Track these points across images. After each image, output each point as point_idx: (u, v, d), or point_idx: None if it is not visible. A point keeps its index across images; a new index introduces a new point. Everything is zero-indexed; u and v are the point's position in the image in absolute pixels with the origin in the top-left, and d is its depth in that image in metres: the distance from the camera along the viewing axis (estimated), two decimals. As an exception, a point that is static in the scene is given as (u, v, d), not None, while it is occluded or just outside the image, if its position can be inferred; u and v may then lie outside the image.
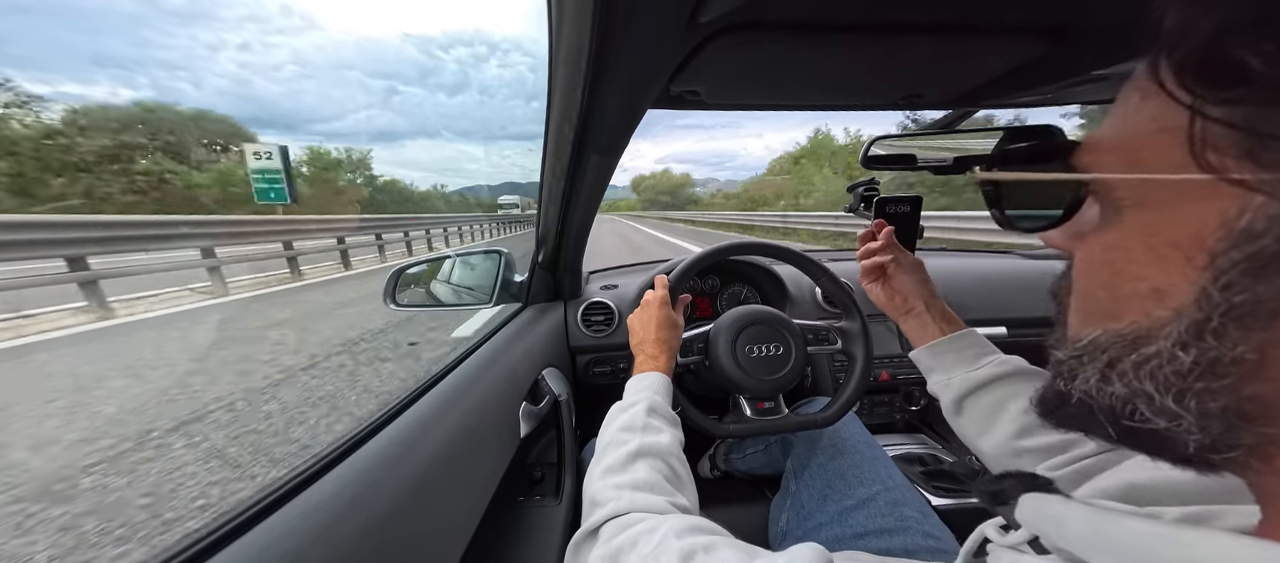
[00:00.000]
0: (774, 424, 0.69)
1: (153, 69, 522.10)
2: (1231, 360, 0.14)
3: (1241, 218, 0.14)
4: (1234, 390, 0.15)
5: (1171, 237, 0.15)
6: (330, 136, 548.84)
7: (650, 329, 0.63)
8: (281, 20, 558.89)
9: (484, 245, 0.98)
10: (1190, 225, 0.15)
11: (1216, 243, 0.14)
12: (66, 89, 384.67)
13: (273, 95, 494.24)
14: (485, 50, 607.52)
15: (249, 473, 1.51)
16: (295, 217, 8.69)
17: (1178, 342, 0.15)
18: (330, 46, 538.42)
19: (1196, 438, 0.15)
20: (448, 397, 0.54)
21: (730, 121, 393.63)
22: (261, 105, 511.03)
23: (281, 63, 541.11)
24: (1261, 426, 0.15)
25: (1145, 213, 0.17)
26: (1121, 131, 0.18)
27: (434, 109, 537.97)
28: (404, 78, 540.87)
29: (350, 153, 67.00)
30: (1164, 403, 0.16)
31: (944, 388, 0.51)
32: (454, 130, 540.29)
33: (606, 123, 0.48)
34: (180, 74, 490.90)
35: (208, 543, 0.28)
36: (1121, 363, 0.17)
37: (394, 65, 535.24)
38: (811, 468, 0.67)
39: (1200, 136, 0.14)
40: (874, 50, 0.39)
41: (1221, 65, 0.14)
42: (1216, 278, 0.14)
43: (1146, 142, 0.16)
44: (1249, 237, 0.13)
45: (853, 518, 0.58)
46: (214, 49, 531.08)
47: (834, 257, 1.29)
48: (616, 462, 0.44)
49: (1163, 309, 0.16)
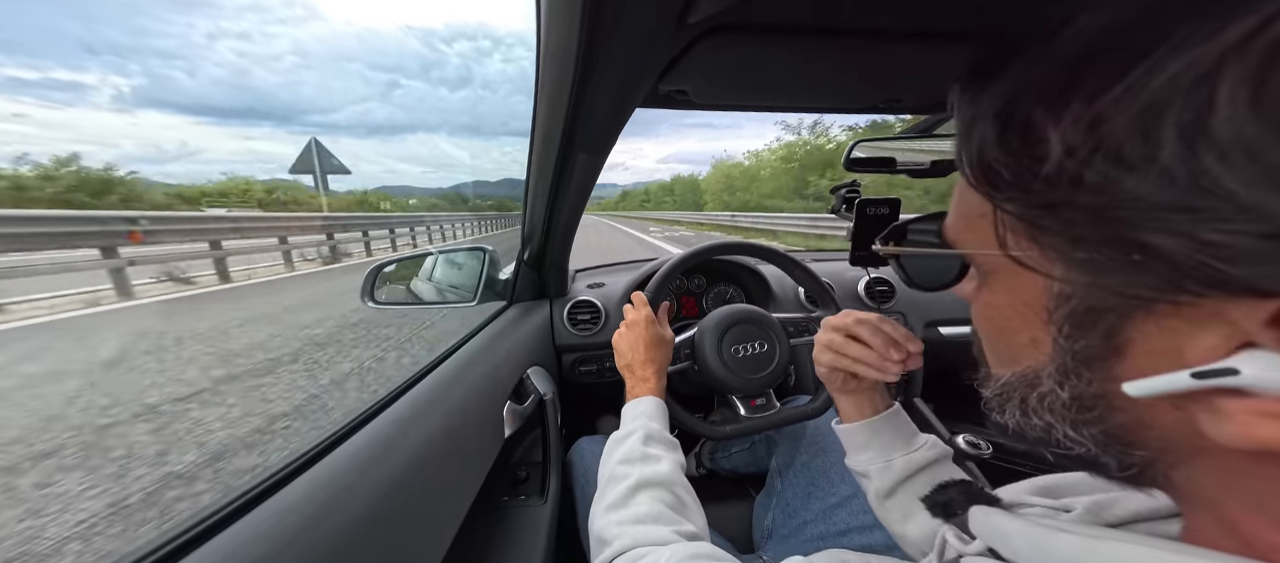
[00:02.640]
0: (767, 420, 0.69)
1: (147, 57, 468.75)
2: (1092, 396, 0.17)
3: (1053, 285, 0.17)
4: (1103, 420, 0.17)
5: (1024, 298, 0.19)
6: (327, 129, 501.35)
7: (639, 351, 0.61)
8: (283, 10, 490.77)
9: (468, 243, 0.97)
10: (1030, 290, 0.18)
11: (1048, 303, 0.17)
12: (56, 75, 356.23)
13: (270, 86, 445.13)
14: (489, 44, 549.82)
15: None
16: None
17: (1055, 381, 0.18)
18: (331, 37, 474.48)
19: (1107, 460, 0.18)
20: (428, 397, 0.52)
21: (733, 122, 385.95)
22: (258, 96, 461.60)
23: (281, 53, 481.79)
24: (1136, 449, 0.17)
25: (1003, 277, 0.20)
26: (962, 211, 0.21)
27: (435, 103, 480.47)
28: (406, 71, 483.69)
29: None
30: (1067, 432, 0.18)
31: (883, 471, 0.45)
32: (453, 125, 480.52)
33: (594, 121, 0.48)
34: (176, 63, 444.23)
35: (172, 548, 0.26)
36: (1029, 400, 0.19)
37: (396, 58, 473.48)
38: (795, 466, 0.68)
39: (1001, 223, 0.18)
40: (857, 55, 0.40)
41: (989, 170, 0.17)
42: (1059, 330, 0.17)
43: (976, 223, 0.20)
44: (1063, 299, 0.17)
45: (836, 515, 0.59)
46: (212, 38, 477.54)
47: (816, 257, 1.32)
48: (618, 498, 0.44)
49: (1040, 354, 0.18)
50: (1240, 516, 0.16)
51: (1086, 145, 0.14)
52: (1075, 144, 0.14)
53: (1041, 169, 0.15)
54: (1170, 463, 0.17)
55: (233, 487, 0.32)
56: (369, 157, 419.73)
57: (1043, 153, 0.15)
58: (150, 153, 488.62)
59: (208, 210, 15.89)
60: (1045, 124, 0.15)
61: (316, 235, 8.26)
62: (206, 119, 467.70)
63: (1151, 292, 0.14)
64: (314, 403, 1.93)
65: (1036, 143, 0.15)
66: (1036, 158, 0.15)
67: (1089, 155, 0.14)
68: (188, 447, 1.59)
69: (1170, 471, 0.17)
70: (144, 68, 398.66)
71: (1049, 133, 0.14)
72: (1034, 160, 0.15)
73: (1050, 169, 0.15)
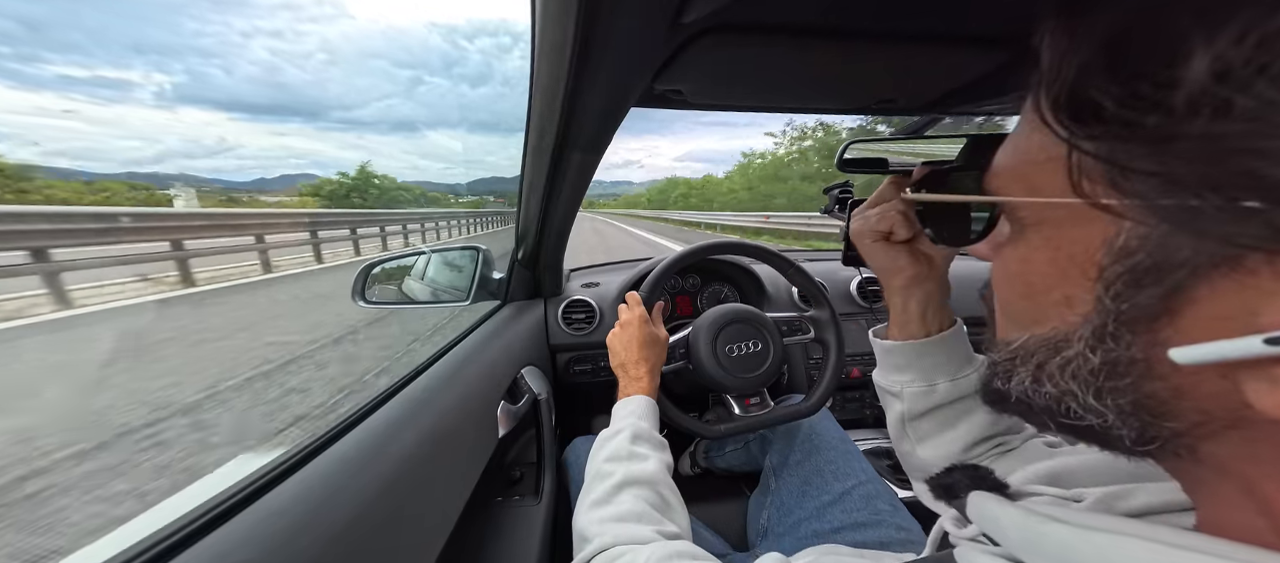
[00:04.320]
0: (762, 419, 0.70)
1: (188, 56, 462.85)
2: (1129, 361, 0.16)
3: (1119, 237, 0.15)
4: (1136, 388, 0.16)
5: (1069, 252, 0.17)
6: (352, 125, 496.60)
7: (632, 350, 0.61)
8: (314, 9, 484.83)
9: (461, 242, 0.96)
10: (1081, 243, 0.17)
11: (1102, 258, 0.16)
12: (103, 73, 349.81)
13: (300, 83, 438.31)
14: (509, 41, 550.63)
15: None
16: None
17: (1088, 344, 0.17)
18: (359, 35, 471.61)
19: (1123, 432, 0.17)
20: (421, 397, 0.52)
21: (751, 120, 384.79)
22: (289, 93, 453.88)
23: (311, 51, 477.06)
24: (1165, 420, 0.16)
25: (1046, 230, 0.18)
26: (1019, 158, 0.20)
27: (456, 100, 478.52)
28: (429, 68, 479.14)
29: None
30: (1087, 400, 0.17)
31: (922, 395, 0.41)
32: (472, 122, 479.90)
33: (589, 120, 0.47)
34: (214, 60, 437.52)
35: (158, 551, 0.26)
36: (1048, 365, 0.18)
37: (420, 55, 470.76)
38: (790, 465, 0.68)
39: (1077, 167, 0.16)
40: (851, 55, 0.40)
41: (1086, 105, 0.15)
42: (1107, 288, 0.16)
43: (1038, 169, 0.18)
44: (1126, 253, 0.15)
45: (830, 513, 0.59)
46: (247, 36, 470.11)
47: (810, 257, 1.33)
48: (602, 495, 0.44)
49: (1074, 315, 0.17)
50: (1275, 489, 0.15)
51: (1251, 66, 0.12)
52: (1233, 64, 0.12)
53: (1169, 98, 0.13)
54: (1202, 435, 0.16)
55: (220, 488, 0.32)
56: (392, 153, 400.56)
57: (1172, 79, 0.13)
58: (191, 148, 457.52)
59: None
60: (1191, 42, 0.13)
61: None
62: (241, 115, 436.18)
63: (1255, 242, 0.12)
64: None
65: (1171, 66, 0.13)
66: (1164, 85, 0.13)
67: (1251, 78, 0.12)
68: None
69: (1199, 443, 0.16)
70: (185, 65, 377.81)
71: (1196, 53, 0.12)
72: (1160, 87, 0.13)
73: (1186, 96, 0.13)
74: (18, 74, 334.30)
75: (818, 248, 2.14)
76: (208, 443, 1.83)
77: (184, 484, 1.55)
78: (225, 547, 0.28)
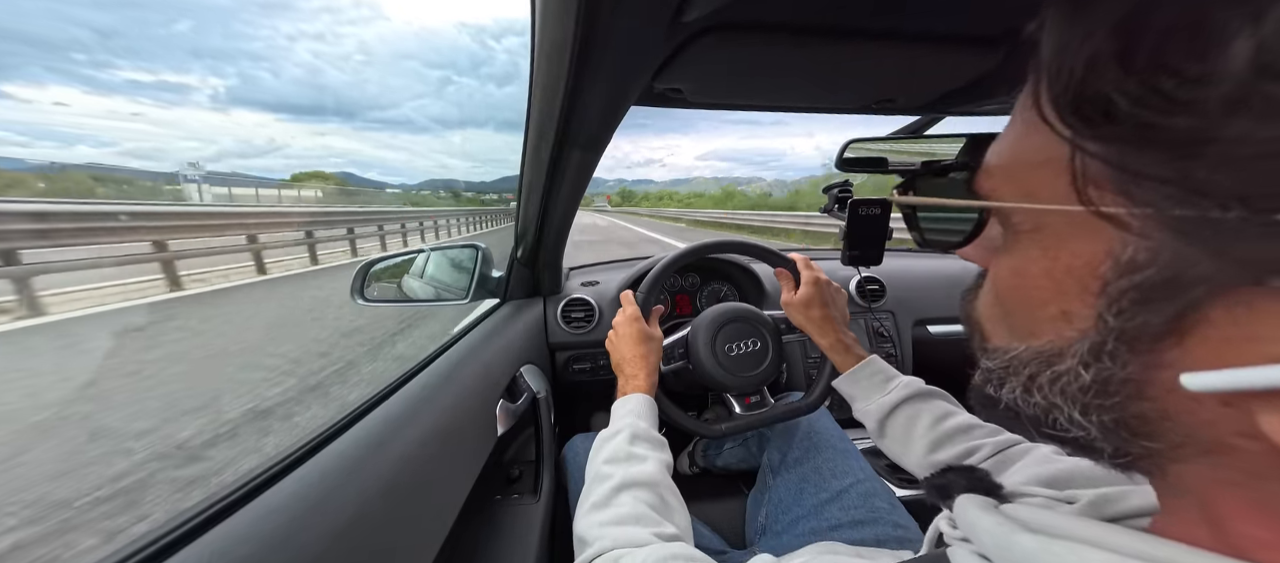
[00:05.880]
0: (762, 417, 0.70)
1: (240, 59, 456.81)
2: (1121, 380, 0.15)
3: (1125, 250, 0.14)
4: (1122, 408, 0.15)
5: (1068, 264, 0.16)
6: (386, 125, 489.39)
7: (627, 349, 0.62)
8: (352, 11, 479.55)
9: (461, 240, 0.96)
10: (1082, 254, 0.15)
11: (1106, 272, 0.14)
12: (165, 77, 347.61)
13: (338, 84, 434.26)
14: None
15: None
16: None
17: (1081, 361, 0.16)
18: (393, 36, 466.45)
19: (1104, 446, 0.17)
20: (420, 395, 0.52)
21: (776, 119, 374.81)
22: (328, 93, 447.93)
23: (349, 52, 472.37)
24: (1144, 439, 0.16)
25: (1043, 238, 0.17)
26: (1013, 158, 0.18)
27: (484, 99, 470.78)
28: (458, 68, 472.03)
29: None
30: (1072, 415, 0.17)
31: (866, 414, 0.55)
32: (498, 121, 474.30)
33: (589, 118, 0.47)
34: (263, 64, 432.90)
35: (155, 549, 0.26)
36: (1040, 378, 0.17)
37: (449, 55, 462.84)
38: (788, 463, 0.69)
39: (1081, 171, 0.14)
40: (852, 55, 0.40)
41: (1094, 102, 0.13)
42: (1109, 304, 0.15)
43: (1035, 171, 0.17)
44: (1134, 268, 0.14)
45: (828, 511, 0.59)
46: (292, 39, 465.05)
47: (811, 257, 1.33)
48: (601, 498, 0.44)
49: (1071, 330, 0.16)
50: (1235, 511, 0.15)
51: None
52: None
53: (1200, 95, 0.11)
54: (1179, 457, 0.15)
55: (219, 485, 0.32)
56: (422, 152, 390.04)
57: (1203, 73, 0.11)
58: (243, 148, 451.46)
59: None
60: (1229, 29, 0.11)
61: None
62: (286, 116, 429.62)
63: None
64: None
65: (1203, 59, 0.11)
66: (1192, 80, 0.12)
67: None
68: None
69: (1173, 464, 0.16)
70: (237, 69, 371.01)
71: (1235, 42, 0.11)
72: (1187, 83, 0.12)
73: (1221, 94, 0.11)
74: (92, 79, 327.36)
75: (818, 248, 2.14)
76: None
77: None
78: (224, 544, 0.28)
